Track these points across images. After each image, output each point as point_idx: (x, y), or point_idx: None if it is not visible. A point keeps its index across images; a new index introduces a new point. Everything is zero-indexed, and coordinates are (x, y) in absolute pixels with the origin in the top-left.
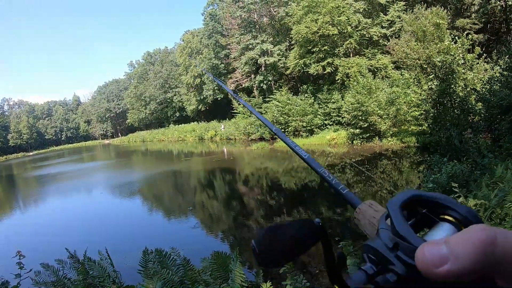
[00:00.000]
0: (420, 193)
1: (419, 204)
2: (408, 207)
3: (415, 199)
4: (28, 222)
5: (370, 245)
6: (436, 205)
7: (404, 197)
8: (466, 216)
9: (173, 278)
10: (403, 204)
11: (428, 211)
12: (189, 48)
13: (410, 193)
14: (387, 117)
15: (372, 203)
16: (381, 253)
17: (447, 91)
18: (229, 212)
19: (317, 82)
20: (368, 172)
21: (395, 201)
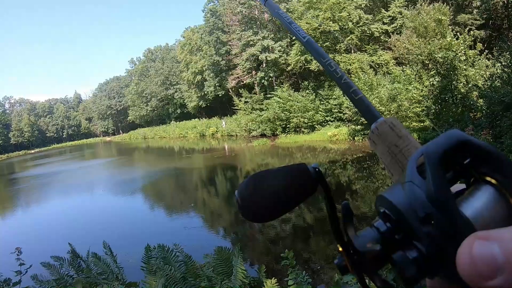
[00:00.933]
0: (470, 139)
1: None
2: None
3: (461, 146)
4: (30, 220)
5: (392, 202)
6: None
7: (448, 144)
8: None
9: (176, 274)
10: (445, 154)
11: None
12: (190, 45)
13: (458, 137)
14: (389, 113)
15: (394, 124)
16: (405, 219)
17: (448, 87)
18: (231, 209)
19: (318, 78)
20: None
21: (436, 148)
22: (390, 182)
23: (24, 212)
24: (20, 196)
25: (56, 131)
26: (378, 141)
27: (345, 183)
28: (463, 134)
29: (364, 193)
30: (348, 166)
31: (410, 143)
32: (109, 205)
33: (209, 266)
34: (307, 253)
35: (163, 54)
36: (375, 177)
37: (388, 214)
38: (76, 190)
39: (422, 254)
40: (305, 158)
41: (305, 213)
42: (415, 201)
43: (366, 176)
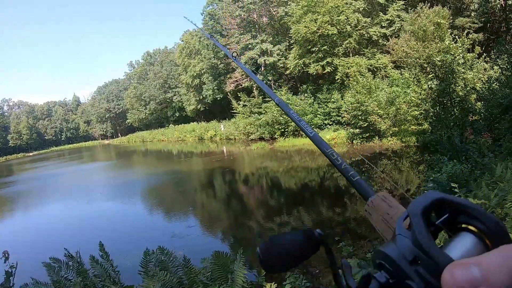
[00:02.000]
0: (445, 197)
1: (442, 207)
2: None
3: (437, 203)
4: (25, 224)
5: (385, 253)
6: (461, 212)
7: (427, 202)
8: (493, 229)
9: (172, 280)
10: (426, 209)
11: (451, 216)
12: (189, 48)
13: (434, 196)
14: (387, 116)
15: (385, 197)
16: (397, 264)
17: (447, 90)
18: (230, 212)
19: (317, 82)
20: (376, 167)
21: (417, 205)
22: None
23: (19, 215)
24: (17, 199)
25: (54, 134)
26: (372, 212)
27: (343, 186)
28: (439, 194)
29: None
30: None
31: (399, 210)
32: (106, 209)
33: (205, 271)
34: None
35: (162, 57)
36: (373, 180)
37: (383, 264)
38: (73, 193)
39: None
40: (304, 162)
41: (303, 217)
42: (404, 248)
43: (364, 179)
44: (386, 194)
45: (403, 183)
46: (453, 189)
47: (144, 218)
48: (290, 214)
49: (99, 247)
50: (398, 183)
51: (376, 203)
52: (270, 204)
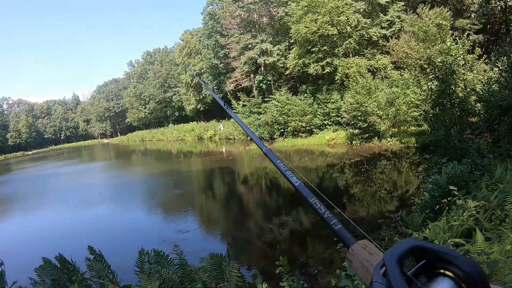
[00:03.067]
0: (420, 244)
1: (419, 254)
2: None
3: (415, 249)
4: (24, 226)
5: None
6: (438, 258)
7: (402, 250)
8: (470, 274)
9: (172, 277)
10: (401, 257)
11: (428, 262)
12: (188, 48)
13: (410, 245)
14: (387, 117)
15: (366, 244)
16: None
17: (446, 91)
18: (229, 213)
19: (317, 82)
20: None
21: (392, 254)
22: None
23: (18, 217)
24: (15, 200)
25: (54, 133)
26: (353, 259)
27: (342, 187)
28: (415, 242)
29: (362, 197)
30: (346, 170)
31: (379, 257)
32: (103, 210)
33: (204, 270)
34: (304, 257)
35: (162, 56)
36: (373, 181)
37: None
38: (71, 194)
39: None
40: (303, 162)
41: (302, 217)
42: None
43: (363, 180)
44: (367, 242)
45: (403, 184)
46: (453, 192)
47: (142, 220)
48: (288, 214)
49: (89, 251)
50: (397, 184)
51: (357, 250)
52: (269, 204)
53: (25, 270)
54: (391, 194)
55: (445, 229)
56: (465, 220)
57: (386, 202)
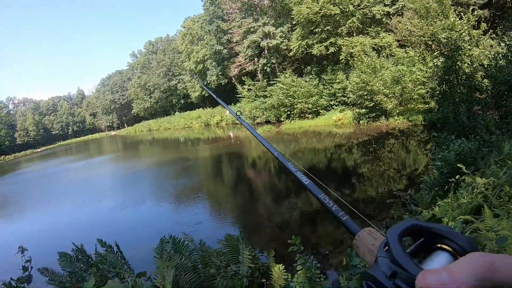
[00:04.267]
0: (418, 223)
1: (418, 232)
2: (408, 234)
3: (414, 228)
4: (34, 220)
5: (369, 273)
6: (435, 235)
7: (403, 227)
8: (464, 246)
9: (187, 263)
10: (401, 233)
11: (426, 239)
12: (191, 35)
13: (409, 223)
14: (393, 96)
15: (371, 231)
16: (379, 281)
17: (453, 68)
18: (239, 197)
19: (321, 63)
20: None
21: (393, 230)
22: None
23: (27, 210)
24: (25, 194)
25: (61, 128)
26: (359, 244)
27: (351, 167)
28: (415, 220)
29: (371, 176)
30: (354, 150)
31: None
32: (115, 202)
33: (220, 253)
34: (315, 238)
35: (164, 45)
36: (381, 160)
37: (368, 283)
38: (80, 187)
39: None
40: (310, 143)
41: (312, 199)
42: (383, 266)
43: (372, 160)
44: (372, 229)
45: (411, 163)
46: (461, 169)
47: (154, 209)
48: (298, 197)
49: (99, 243)
50: (406, 163)
51: (363, 236)
52: (279, 187)
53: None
54: (400, 172)
55: (454, 207)
56: (474, 197)
57: (395, 181)
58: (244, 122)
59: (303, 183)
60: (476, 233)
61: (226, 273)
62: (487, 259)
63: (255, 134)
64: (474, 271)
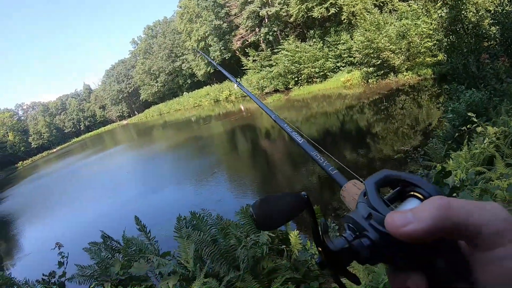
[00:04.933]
0: (392, 173)
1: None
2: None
3: (388, 178)
4: (66, 216)
5: (350, 216)
6: (407, 183)
7: (378, 177)
8: (431, 193)
9: (206, 238)
10: (377, 182)
11: (401, 188)
12: (188, 14)
13: (384, 174)
14: (400, 51)
15: (356, 182)
16: (357, 222)
17: (458, 17)
18: (256, 168)
19: (324, 26)
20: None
21: (371, 179)
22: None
23: (58, 208)
24: (46, 190)
25: (73, 126)
26: (345, 194)
27: (364, 127)
28: (389, 171)
29: (385, 135)
30: (366, 110)
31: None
32: (134, 187)
33: (238, 225)
34: (336, 202)
35: (163, 28)
36: (394, 117)
37: (349, 224)
38: (103, 178)
39: (370, 239)
40: (321, 107)
41: (330, 162)
42: (361, 210)
43: (384, 118)
44: (357, 181)
45: (424, 118)
46: (472, 118)
47: (174, 190)
48: (314, 163)
49: (135, 221)
50: (419, 118)
51: (348, 187)
52: (294, 154)
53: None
54: (414, 128)
55: (467, 158)
56: (486, 148)
57: (409, 137)
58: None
59: (297, 142)
60: (488, 183)
61: (246, 242)
62: (445, 201)
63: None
64: (433, 211)
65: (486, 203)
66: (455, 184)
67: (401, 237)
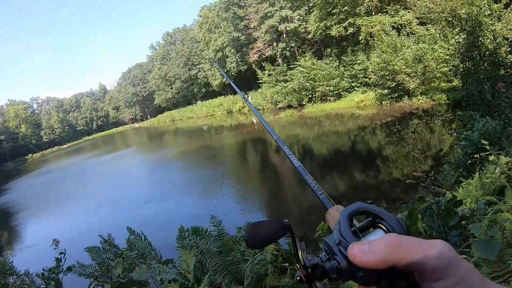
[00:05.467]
0: (363, 206)
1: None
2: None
3: (360, 210)
4: (70, 215)
5: (326, 240)
6: (376, 216)
7: (352, 209)
8: (394, 227)
9: (211, 249)
10: (351, 213)
11: (372, 218)
12: (208, 23)
13: (357, 206)
14: (415, 75)
15: (338, 208)
16: (330, 247)
17: (475, 44)
18: (264, 182)
19: (341, 45)
20: None
21: (345, 210)
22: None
23: (64, 206)
24: (52, 192)
25: (85, 124)
26: (329, 217)
27: (376, 149)
28: (362, 204)
29: (395, 158)
30: (378, 132)
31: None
32: (143, 192)
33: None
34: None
35: (182, 35)
36: (405, 141)
37: (325, 248)
38: (110, 179)
39: (338, 262)
40: (334, 126)
41: (338, 183)
42: (335, 236)
43: (395, 141)
44: (340, 206)
45: (436, 143)
46: (485, 146)
47: (181, 198)
48: (324, 179)
49: (128, 232)
50: (431, 143)
51: (332, 212)
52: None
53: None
54: (425, 153)
55: (478, 187)
56: (497, 178)
57: (419, 161)
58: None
59: (294, 164)
60: (497, 215)
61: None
62: (396, 239)
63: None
64: (384, 246)
65: (433, 241)
66: (465, 214)
67: (358, 265)
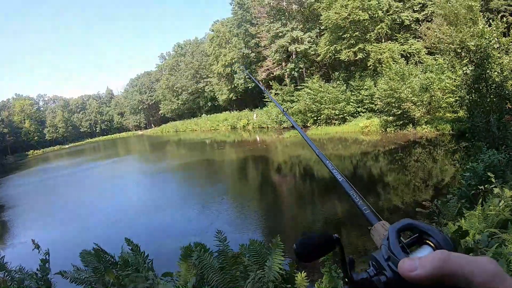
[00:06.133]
0: (413, 223)
1: (414, 229)
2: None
3: (409, 226)
4: (57, 218)
5: (374, 256)
6: (423, 232)
7: (400, 225)
8: (441, 243)
9: (213, 264)
10: (399, 229)
11: (419, 235)
12: (219, 38)
13: (406, 222)
14: (421, 104)
15: (384, 223)
16: (379, 262)
17: (482, 76)
18: (264, 201)
19: (349, 69)
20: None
21: (394, 226)
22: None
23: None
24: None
25: (89, 126)
26: (375, 233)
27: (377, 175)
28: (411, 220)
29: (397, 186)
30: (380, 158)
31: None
32: (142, 202)
33: (243, 256)
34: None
35: (193, 48)
36: (407, 169)
37: (373, 263)
38: (109, 185)
39: (387, 277)
40: (336, 150)
41: (336, 205)
42: (384, 251)
43: (398, 168)
44: (385, 222)
45: (438, 173)
46: (490, 179)
47: (181, 211)
48: (323, 202)
49: (126, 242)
50: (432, 173)
51: (378, 227)
52: (304, 192)
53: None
54: (427, 183)
55: (481, 219)
56: (501, 211)
57: (421, 191)
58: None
59: (337, 179)
60: (502, 247)
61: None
62: (445, 255)
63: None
64: (434, 262)
65: (480, 257)
66: (468, 245)
67: (408, 279)
